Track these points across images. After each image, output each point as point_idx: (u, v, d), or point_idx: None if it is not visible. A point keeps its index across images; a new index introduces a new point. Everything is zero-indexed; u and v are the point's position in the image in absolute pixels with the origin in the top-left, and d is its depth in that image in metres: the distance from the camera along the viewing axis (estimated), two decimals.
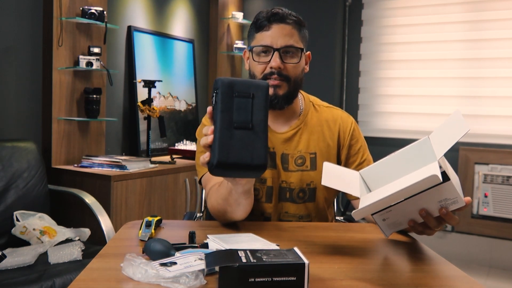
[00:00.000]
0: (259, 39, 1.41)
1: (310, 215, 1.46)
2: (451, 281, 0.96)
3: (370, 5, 4.07)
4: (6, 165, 2.39)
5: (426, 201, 1.04)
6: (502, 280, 3.36)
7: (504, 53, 3.58)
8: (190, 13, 4.07)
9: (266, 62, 1.40)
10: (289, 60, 1.40)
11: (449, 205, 1.04)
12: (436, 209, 1.05)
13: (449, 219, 1.06)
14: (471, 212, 3.66)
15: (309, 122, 1.50)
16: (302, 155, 1.46)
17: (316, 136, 1.48)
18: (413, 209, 1.06)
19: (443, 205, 1.04)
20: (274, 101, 1.40)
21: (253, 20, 1.44)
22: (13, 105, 2.74)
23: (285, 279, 0.80)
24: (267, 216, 1.44)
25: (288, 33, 1.39)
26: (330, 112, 1.54)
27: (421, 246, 1.18)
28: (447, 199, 1.03)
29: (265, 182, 1.43)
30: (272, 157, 1.45)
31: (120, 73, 3.39)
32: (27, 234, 2.21)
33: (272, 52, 1.38)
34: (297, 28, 1.41)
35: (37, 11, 2.82)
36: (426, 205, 1.05)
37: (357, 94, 4.14)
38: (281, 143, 1.46)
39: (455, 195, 1.02)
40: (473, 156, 3.64)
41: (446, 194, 1.02)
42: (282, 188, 1.44)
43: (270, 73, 1.40)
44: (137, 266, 0.87)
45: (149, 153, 3.27)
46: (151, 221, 1.18)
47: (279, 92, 1.40)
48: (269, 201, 1.44)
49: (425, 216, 1.06)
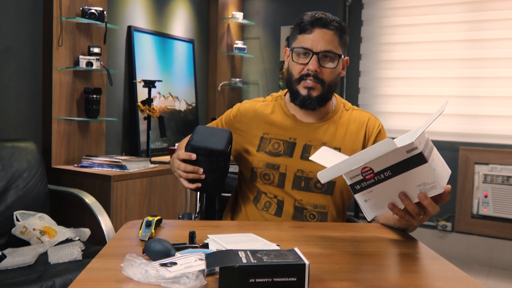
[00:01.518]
0: (301, 40, 1.46)
1: (326, 207, 1.47)
2: (451, 281, 0.96)
3: (370, 5, 4.07)
4: (6, 165, 2.39)
5: (405, 184, 1.06)
6: (502, 280, 3.36)
7: (504, 53, 3.58)
8: (190, 13, 4.07)
9: (304, 63, 1.45)
10: (327, 65, 1.45)
11: (428, 190, 1.06)
12: (416, 194, 1.07)
13: (427, 204, 1.07)
14: (471, 212, 3.66)
15: (338, 119, 1.54)
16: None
17: (342, 132, 1.52)
18: (394, 192, 1.08)
19: (422, 190, 1.06)
20: (307, 102, 1.46)
21: (297, 21, 1.49)
22: (13, 105, 2.74)
23: (285, 280, 0.80)
24: (280, 199, 1.47)
25: (329, 39, 1.44)
26: (360, 113, 1.59)
27: (421, 246, 1.18)
28: (426, 184, 1.05)
29: (278, 169, 1.47)
30: (290, 146, 1.49)
31: (120, 73, 3.39)
32: (27, 234, 2.21)
33: (311, 55, 1.43)
34: (338, 35, 1.46)
35: (37, 11, 2.82)
36: (405, 188, 1.07)
37: (357, 94, 4.14)
38: (305, 133, 1.50)
39: (433, 180, 1.04)
40: (473, 156, 3.64)
41: (424, 177, 1.04)
42: (297, 176, 1.46)
43: (306, 74, 1.45)
44: (137, 267, 0.87)
45: (149, 153, 3.27)
46: (151, 221, 1.18)
47: (313, 93, 1.46)
48: (281, 187, 1.47)
49: (404, 199, 1.08)
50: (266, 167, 1.47)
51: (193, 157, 1.33)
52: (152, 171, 2.90)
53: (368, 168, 1.04)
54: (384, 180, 1.05)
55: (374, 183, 1.06)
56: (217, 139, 1.38)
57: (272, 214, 1.47)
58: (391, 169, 1.03)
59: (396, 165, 1.02)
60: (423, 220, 1.14)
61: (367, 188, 1.07)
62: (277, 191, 1.47)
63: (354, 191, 1.09)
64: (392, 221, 1.33)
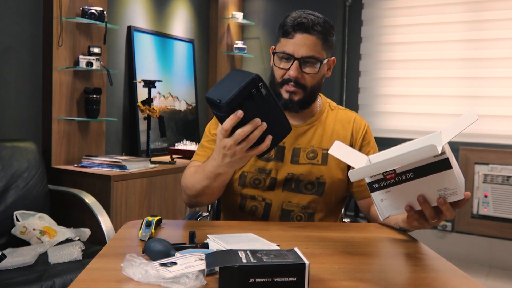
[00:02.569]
0: (283, 44, 1.43)
1: (314, 208, 1.46)
2: (451, 281, 0.96)
3: (370, 5, 4.07)
4: (6, 165, 2.39)
5: (426, 187, 1.04)
6: (502, 280, 3.36)
7: (504, 53, 3.58)
8: (190, 13, 4.07)
9: (285, 69, 1.43)
10: (308, 70, 1.43)
11: (448, 196, 1.05)
12: (435, 198, 1.06)
13: (446, 209, 1.06)
14: (471, 212, 3.66)
15: (324, 120, 1.54)
16: (314, 150, 1.49)
17: (329, 133, 1.51)
18: (412, 194, 1.07)
19: (442, 195, 1.05)
20: (289, 105, 1.45)
21: (280, 22, 1.45)
22: (13, 105, 2.74)
23: (285, 280, 0.80)
24: (268, 202, 1.46)
25: (311, 44, 1.40)
26: (345, 113, 1.58)
27: (421, 246, 1.18)
28: (447, 189, 1.04)
29: (270, 173, 1.46)
30: (280, 150, 1.48)
31: (120, 73, 3.39)
32: (27, 234, 2.21)
33: (293, 60, 1.41)
34: (321, 38, 1.42)
35: (37, 11, 2.82)
36: (425, 192, 1.06)
37: (357, 94, 4.14)
38: (294, 137, 1.49)
39: (455, 186, 1.03)
40: (473, 156, 3.64)
41: (446, 183, 1.03)
42: (288, 179, 1.46)
43: (288, 79, 1.43)
44: (137, 267, 0.87)
45: (149, 153, 3.27)
46: (151, 221, 1.18)
47: (294, 98, 1.44)
48: (272, 189, 1.46)
49: (423, 202, 1.07)
50: (258, 172, 1.46)
51: (239, 114, 1.04)
52: (152, 171, 2.90)
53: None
54: (405, 181, 1.03)
55: (394, 183, 1.04)
56: (238, 78, 1.08)
57: (259, 217, 1.47)
58: (414, 171, 1.02)
59: (420, 168, 1.01)
60: (436, 224, 1.13)
61: (386, 188, 1.06)
62: (266, 194, 1.47)
63: (372, 190, 1.07)
64: (394, 221, 1.32)
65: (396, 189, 1.05)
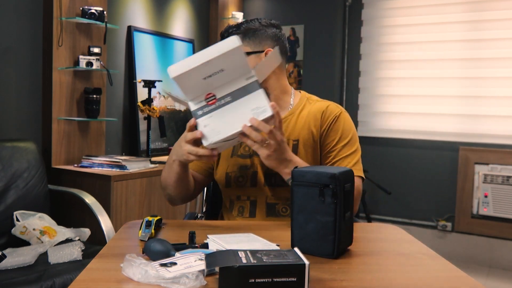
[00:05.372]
0: None
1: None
2: (451, 281, 0.96)
3: (370, 5, 4.07)
4: (6, 165, 2.39)
5: (241, 109, 1.20)
6: (502, 280, 3.36)
7: (504, 53, 3.58)
8: (190, 13, 4.07)
9: None
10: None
11: (259, 114, 1.19)
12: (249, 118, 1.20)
13: (258, 124, 1.18)
14: (471, 212, 3.66)
15: (299, 114, 1.53)
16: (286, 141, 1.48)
17: (301, 125, 1.51)
18: (231, 117, 1.20)
19: (254, 113, 1.20)
20: None
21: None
22: (13, 105, 2.74)
23: (285, 280, 0.80)
24: (253, 200, 1.48)
25: None
26: (321, 103, 1.57)
27: (421, 246, 1.18)
28: (258, 108, 1.20)
29: (251, 168, 1.49)
30: None
31: (120, 73, 3.39)
32: (27, 234, 2.21)
33: None
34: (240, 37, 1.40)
35: (37, 11, 2.82)
36: (242, 114, 1.20)
37: (357, 94, 4.14)
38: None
39: (264, 104, 1.20)
40: (473, 156, 3.64)
41: (257, 102, 1.20)
42: (268, 174, 1.47)
43: None
44: (137, 267, 0.87)
45: (149, 153, 3.27)
46: (151, 221, 1.18)
47: None
48: (254, 185, 1.48)
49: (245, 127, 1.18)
50: (240, 169, 1.49)
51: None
52: (152, 171, 2.90)
53: (211, 94, 1.20)
54: (224, 105, 1.20)
55: (215, 108, 1.21)
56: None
57: (247, 217, 1.48)
58: (232, 95, 1.20)
59: (236, 91, 1.20)
60: (272, 147, 1.24)
61: (208, 114, 1.21)
62: (250, 191, 1.49)
63: (197, 116, 1.22)
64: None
65: (217, 114, 1.21)
